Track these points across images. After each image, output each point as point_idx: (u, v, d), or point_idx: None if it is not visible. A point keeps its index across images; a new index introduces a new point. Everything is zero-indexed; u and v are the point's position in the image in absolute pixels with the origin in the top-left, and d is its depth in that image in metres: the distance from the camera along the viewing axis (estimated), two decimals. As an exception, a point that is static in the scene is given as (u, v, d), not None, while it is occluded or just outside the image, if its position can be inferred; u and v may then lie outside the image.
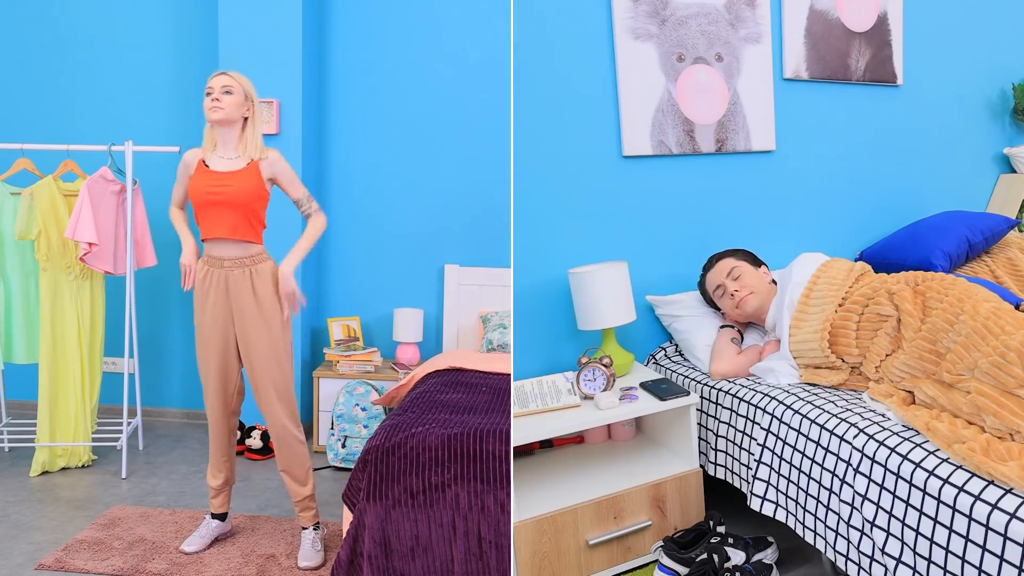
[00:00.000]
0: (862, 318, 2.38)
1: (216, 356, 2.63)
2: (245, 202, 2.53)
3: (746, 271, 2.73)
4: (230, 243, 2.56)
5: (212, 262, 2.59)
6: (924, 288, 2.31)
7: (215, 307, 2.60)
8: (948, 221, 3.18)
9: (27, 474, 3.44)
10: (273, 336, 2.60)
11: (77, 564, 2.61)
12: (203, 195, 2.53)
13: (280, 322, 2.62)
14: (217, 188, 2.52)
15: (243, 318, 2.59)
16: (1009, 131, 3.89)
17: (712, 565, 2.28)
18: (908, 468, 1.88)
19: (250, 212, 2.55)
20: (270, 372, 2.61)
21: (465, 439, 2.39)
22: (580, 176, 2.87)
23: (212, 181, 2.54)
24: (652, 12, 2.91)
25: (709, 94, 3.03)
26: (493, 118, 4.10)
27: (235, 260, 2.57)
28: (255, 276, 2.58)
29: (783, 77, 3.20)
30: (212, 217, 2.54)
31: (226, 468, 2.77)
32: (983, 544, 1.66)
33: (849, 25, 3.34)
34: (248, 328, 2.59)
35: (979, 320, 2.03)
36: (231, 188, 2.52)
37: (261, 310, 2.58)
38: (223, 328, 2.61)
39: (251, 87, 2.60)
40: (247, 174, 2.55)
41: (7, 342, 3.50)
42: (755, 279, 2.72)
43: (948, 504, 1.75)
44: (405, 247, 4.22)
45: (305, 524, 2.73)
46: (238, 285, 2.57)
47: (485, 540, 2.29)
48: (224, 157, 2.58)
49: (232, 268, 2.57)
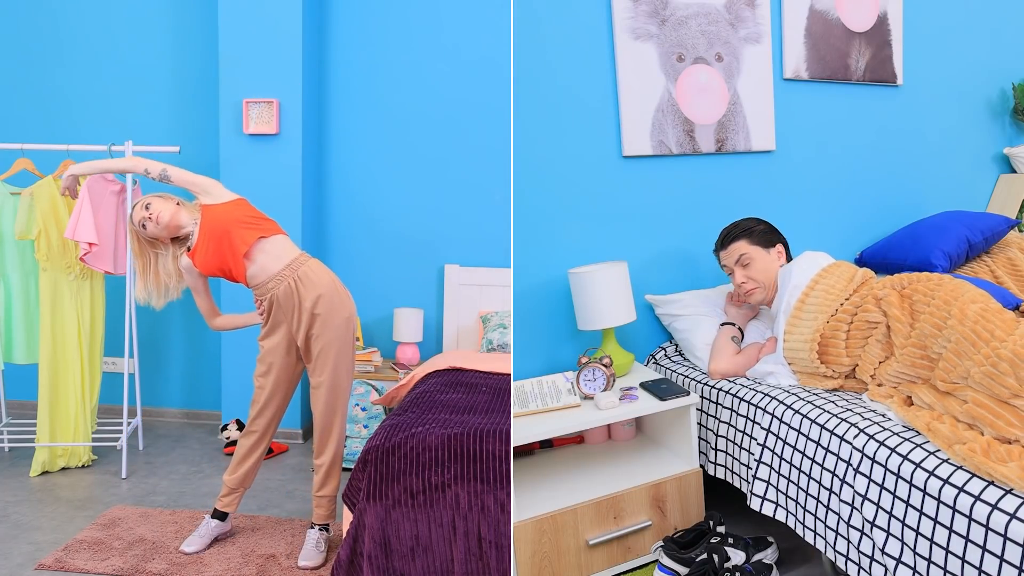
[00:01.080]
0: (851, 327, 2.35)
1: (277, 368, 2.71)
2: (224, 223, 2.59)
3: (756, 258, 2.66)
4: (255, 261, 2.61)
5: (259, 292, 2.65)
6: (911, 291, 2.28)
7: (275, 325, 2.68)
8: (948, 221, 3.18)
9: (27, 474, 3.44)
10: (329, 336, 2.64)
11: (77, 564, 2.61)
12: (205, 257, 2.62)
13: (338, 320, 2.65)
14: (205, 243, 2.61)
15: (300, 328, 2.64)
16: (1009, 131, 3.89)
17: (712, 565, 2.28)
18: (908, 468, 1.88)
19: (237, 221, 2.60)
20: (332, 371, 2.66)
21: (465, 439, 2.39)
22: (580, 176, 2.87)
23: (206, 243, 2.62)
24: (652, 12, 2.91)
25: (709, 94, 3.03)
26: (493, 118, 4.09)
27: (275, 277, 2.61)
28: (299, 284, 2.61)
29: (783, 77, 3.20)
30: (222, 252, 2.60)
31: (251, 473, 2.80)
32: (983, 544, 1.66)
33: (849, 25, 3.34)
34: (309, 335, 2.64)
35: (967, 325, 2.01)
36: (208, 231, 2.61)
37: (315, 317, 2.62)
38: (286, 342, 2.69)
39: (160, 205, 2.64)
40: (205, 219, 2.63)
41: (7, 342, 3.50)
42: (763, 270, 2.65)
43: (948, 504, 1.75)
44: (405, 247, 4.22)
45: (316, 522, 2.76)
46: (288, 300, 2.62)
47: (485, 540, 2.29)
48: (187, 241, 2.69)
49: (276, 287, 2.61)
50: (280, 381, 2.72)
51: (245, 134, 3.90)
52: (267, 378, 2.71)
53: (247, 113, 3.86)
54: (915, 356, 2.14)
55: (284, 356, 2.70)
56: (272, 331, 2.68)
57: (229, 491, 2.80)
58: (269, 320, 2.67)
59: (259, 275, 2.62)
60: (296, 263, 2.62)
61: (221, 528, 2.82)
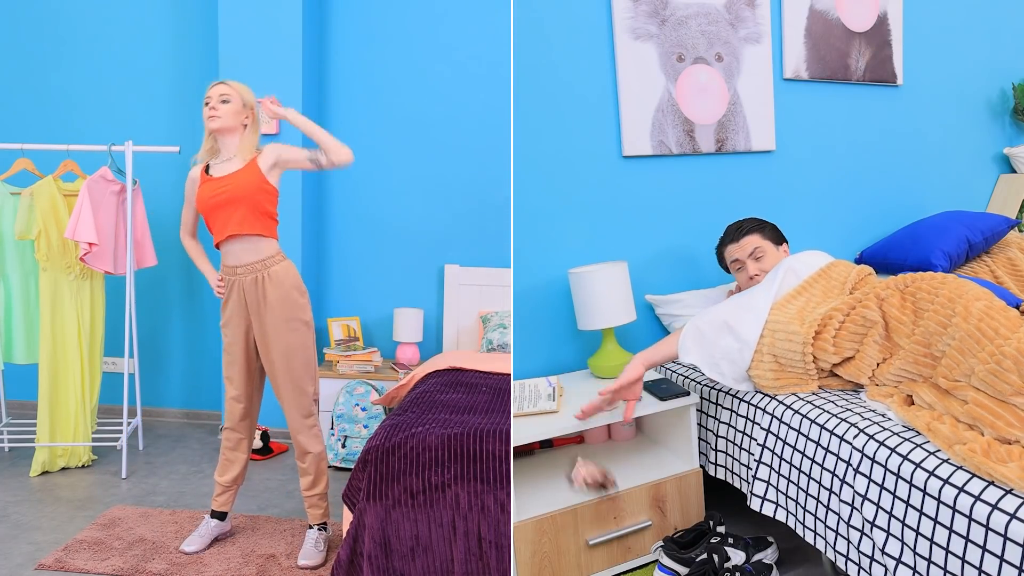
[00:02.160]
0: (847, 319, 2.32)
1: (238, 361, 2.68)
2: (248, 195, 2.55)
3: (768, 252, 2.68)
4: (242, 242, 2.58)
5: (227, 271, 2.62)
6: (914, 289, 2.27)
7: (235, 315, 2.64)
8: (948, 221, 3.18)
9: (27, 474, 3.44)
10: (289, 337, 2.61)
11: (77, 564, 2.61)
12: (208, 200, 2.57)
13: (297, 325, 2.63)
14: (220, 189, 2.56)
15: (260, 324, 2.62)
16: (1009, 131, 3.89)
17: (712, 565, 2.28)
18: (908, 468, 1.88)
19: (255, 205, 2.56)
20: (289, 373, 2.63)
21: (465, 439, 2.39)
22: (580, 176, 2.87)
23: (215, 185, 2.58)
24: (652, 12, 2.91)
25: (709, 94, 3.03)
26: (493, 118, 4.10)
27: (247, 267, 2.59)
28: (267, 281, 2.59)
29: (783, 77, 3.20)
30: (220, 218, 2.57)
31: (238, 469, 2.79)
32: (983, 544, 1.66)
33: (849, 25, 3.34)
34: (267, 333, 2.61)
35: (972, 322, 2.01)
36: (232, 185, 2.55)
37: (274, 315, 2.60)
38: (245, 335, 2.66)
39: (250, 94, 2.64)
40: (247, 171, 2.58)
41: (7, 342, 3.50)
42: (774, 264, 2.66)
43: (948, 504, 1.75)
44: (405, 247, 4.22)
45: (312, 522, 2.75)
46: (252, 292, 2.60)
47: (485, 540, 2.29)
48: (224, 162, 2.62)
49: (244, 275, 2.59)
50: (245, 374, 2.71)
51: (245, 134, 3.89)
52: (232, 368, 2.70)
53: (247, 113, 3.85)
54: (919, 353, 2.13)
55: (245, 350, 2.68)
56: (230, 322, 2.66)
57: (223, 490, 2.80)
58: (227, 306, 2.65)
59: (229, 258, 2.61)
60: (271, 260, 2.61)
61: (221, 528, 2.82)
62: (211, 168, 2.64)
